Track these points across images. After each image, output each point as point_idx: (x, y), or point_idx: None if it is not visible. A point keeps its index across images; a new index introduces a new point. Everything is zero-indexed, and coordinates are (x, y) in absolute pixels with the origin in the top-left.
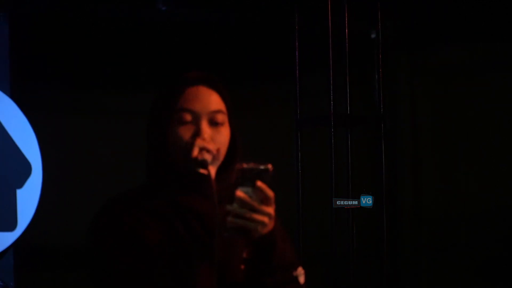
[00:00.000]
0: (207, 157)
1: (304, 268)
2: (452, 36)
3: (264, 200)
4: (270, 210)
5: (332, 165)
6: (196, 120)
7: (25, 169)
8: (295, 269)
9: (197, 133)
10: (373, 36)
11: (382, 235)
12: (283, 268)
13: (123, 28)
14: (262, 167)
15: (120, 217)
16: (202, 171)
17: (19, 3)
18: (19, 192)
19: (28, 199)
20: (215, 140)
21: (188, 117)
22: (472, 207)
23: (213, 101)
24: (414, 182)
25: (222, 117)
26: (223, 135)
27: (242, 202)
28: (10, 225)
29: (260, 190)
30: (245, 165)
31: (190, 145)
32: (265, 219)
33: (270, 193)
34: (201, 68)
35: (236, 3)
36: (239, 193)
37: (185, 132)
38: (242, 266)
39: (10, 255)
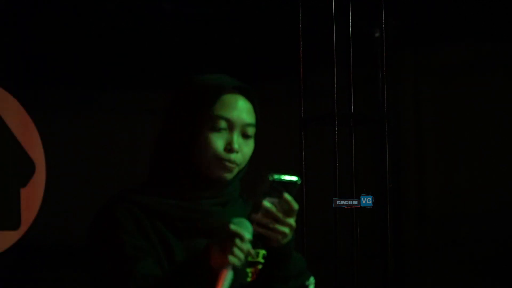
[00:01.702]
0: (232, 169)
1: (306, 267)
2: (456, 36)
3: (288, 211)
4: (293, 221)
5: (335, 164)
6: (230, 129)
7: (29, 168)
8: (307, 278)
9: (229, 142)
10: (377, 35)
11: (385, 234)
12: (297, 276)
13: (127, 27)
14: (290, 179)
15: (120, 216)
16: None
17: (22, 2)
18: (22, 191)
19: (31, 198)
20: (241, 151)
21: (223, 124)
22: (475, 206)
23: (248, 113)
24: (418, 181)
25: (252, 131)
26: (250, 148)
27: (267, 212)
28: (14, 223)
29: (286, 202)
30: (275, 176)
31: (222, 154)
32: (287, 230)
33: (295, 206)
34: (204, 67)
35: (240, 2)
36: (266, 203)
37: (218, 139)
38: (254, 277)
39: (13, 253)
